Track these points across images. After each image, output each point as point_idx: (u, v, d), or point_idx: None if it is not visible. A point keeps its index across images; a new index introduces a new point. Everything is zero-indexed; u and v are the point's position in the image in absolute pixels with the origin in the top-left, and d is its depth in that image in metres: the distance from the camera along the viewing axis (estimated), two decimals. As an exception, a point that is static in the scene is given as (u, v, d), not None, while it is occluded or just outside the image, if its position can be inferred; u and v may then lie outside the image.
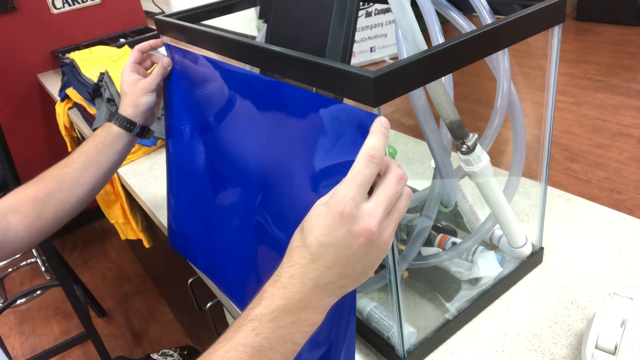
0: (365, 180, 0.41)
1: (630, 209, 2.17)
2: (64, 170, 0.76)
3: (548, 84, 0.61)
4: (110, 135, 0.77)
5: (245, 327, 0.41)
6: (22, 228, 0.73)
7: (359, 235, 0.41)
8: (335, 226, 0.41)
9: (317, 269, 0.42)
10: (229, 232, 0.72)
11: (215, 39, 0.64)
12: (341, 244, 0.41)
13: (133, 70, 0.78)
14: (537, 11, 0.53)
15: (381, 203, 0.42)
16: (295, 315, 0.42)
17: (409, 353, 0.62)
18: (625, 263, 0.73)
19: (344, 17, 0.57)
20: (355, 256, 0.42)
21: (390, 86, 0.43)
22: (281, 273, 0.43)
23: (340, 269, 0.42)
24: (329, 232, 0.41)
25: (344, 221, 0.40)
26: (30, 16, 2.18)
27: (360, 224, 0.41)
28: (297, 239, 0.43)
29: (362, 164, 0.41)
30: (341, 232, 0.41)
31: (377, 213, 0.41)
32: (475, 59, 0.49)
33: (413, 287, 0.74)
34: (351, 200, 0.40)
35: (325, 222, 0.41)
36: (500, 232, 0.75)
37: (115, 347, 1.95)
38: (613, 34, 4.03)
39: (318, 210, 0.42)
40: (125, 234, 1.45)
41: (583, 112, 2.94)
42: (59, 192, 0.75)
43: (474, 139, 0.57)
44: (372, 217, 0.41)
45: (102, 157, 0.77)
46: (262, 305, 0.42)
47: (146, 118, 0.79)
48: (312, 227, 0.42)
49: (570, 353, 0.61)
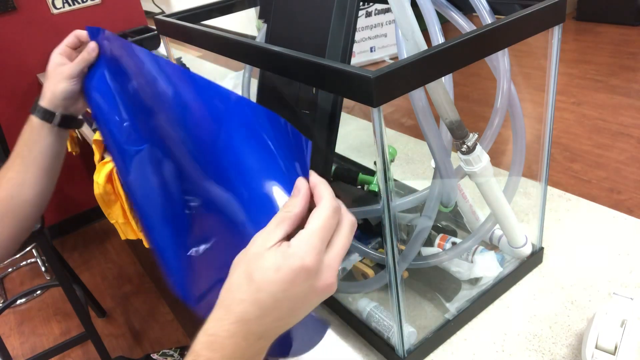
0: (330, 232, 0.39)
1: (630, 209, 2.17)
2: (7, 176, 0.71)
3: (548, 84, 0.61)
4: (34, 130, 0.70)
5: None
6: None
7: (321, 290, 0.39)
8: (298, 282, 0.37)
9: (264, 324, 0.38)
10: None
11: (215, 39, 0.64)
12: (299, 298, 0.38)
13: (63, 53, 0.71)
14: (537, 11, 0.53)
15: (339, 254, 0.39)
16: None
17: (409, 353, 0.62)
18: (625, 263, 0.73)
19: (344, 17, 0.57)
20: (308, 305, 0.40)
21: (390, 86, 0.43)
22: (217, 332, 0.38)
23: (289, 320, 0.40)
24: (289, 288, 0.37)
25: (307, 276, 0.37)
26: (30, 16, 2.18)
27: (323, 278, 0.38)
28: (242, 290, 0.38)
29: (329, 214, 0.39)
30: (302, 288, 0.38)
31: (335, 264, 0.39)
32: (475, 59, 0.49)
33: (413, 287, 0.74)
34: (317, 254, 0.38)
35: (285, 277, 0.37)
36: (500, 232, 0.75)
37: (115, 347, 1.95)
38: (613, 34, 4.03)
39: (276, 260, 0.37)
40: (125, 234, 1.45)
41: (583, 112, 2.94)
42: (11, 198, 0.70)
43: (474, 139, 0.57)
44: (331, 270, 0.39)
45: (36, 154, 0.71)
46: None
47: (67, 107, 0.71)
48: (268, 281, 0.37)
49: (570, 353, 0.61)
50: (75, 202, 2.57)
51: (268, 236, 0.39)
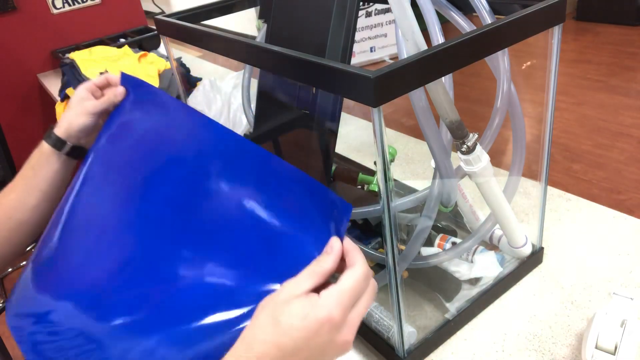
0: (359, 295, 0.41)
1: (630, 209, 2.17)
2: (8, 197, 0.73)
3: (548, 84, 0.61)
4: (43, 155, 0.73)
5: None
6: None
7: (339, 346, 0.40)
8: (321, 332, 0.39)
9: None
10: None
11: (215, 39, 0.64)
12: (318, 350, 0.40)
13: (89, 89, 0.73)
14: (537, 11, 0.53)
15: (360, 314, 0.42)
16: None
17: (409, 353, 0.62)
18: (625, 263, 0.73)
19: (344, 17, 0.57)
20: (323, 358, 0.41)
21: (390, 86, 0.43)
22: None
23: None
24: (312, 338, 0.39)
25: (331, 328, 0.39)
26: (30, 16, 2.17)
27: (343, 334, 0.40)
28: (266, 332, 0.40)
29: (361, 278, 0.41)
30: (324, 340, 0.39)
31: (355, 323, 0.41)
32: (475, 59, 0.49)
33: (413, 287, 0.74)
34: (345, 309, 0.40)
35: (310, 326, 0.39)
36: (500, 232, 0.75)
37: (115, 347, 1.95)
38: (613, 34, 4.03)
39: (304, 308, 0.40)
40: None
41: (583, 112, 2.94)
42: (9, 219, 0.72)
43: (474, 139, 0.57)
44: (352, 327, 0.41)
45: (39, 179, 0.73)
46: None
47: (80, 139, 0.73)
48: (293, 327, 0.39)
49: (570, 353, 0.61)
50: (75, 202, 2.56)
51: (297, 285, 0.41)
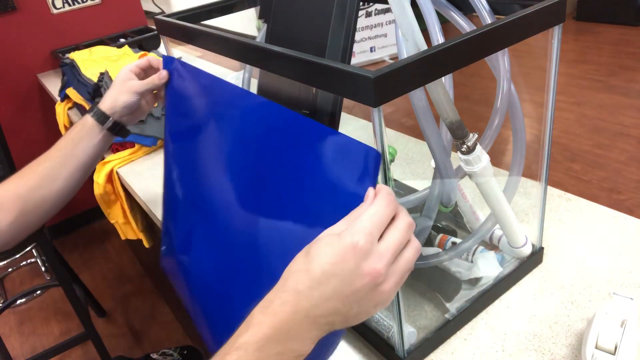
0: (384, 220, 0.40)
1: (630, 209, 2.17)
2: (43, 165, 0.76)
3: (548, 84, 0.61)
4: (85, 128, 0.78)
5: (231, 355, 0.39)
6: (6, 224, 0.73)
7: (366, 274, 0.39)
8: (346, 257, 0.39)
9: (312, 298, 0.40)
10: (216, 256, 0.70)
11: (215, 39, 0.64)
12: (346, 278, 0.39)
13: (132, 70, 0.78)
14: (537, 11, 0.53)
15: (391, 246, 0.40)
16: (282, 346, 0.40)
17: (409, 353, 0.62)
18: (625, 263, 0.74)
19: (344, 17, 0.57)
20: (355, 296, 0.40)
21: (390, 86, 0.43)
22: (273, 298, 0.41)
23: (335, 304, 0.40)
24: (338, 262, 0.39)
25: (355, 254, 0.39)
26: (30, 16, 2.17)
27: (370, 262, 0.39)
28: (298, 262, 0.42)
29: (383, 203, 0.41)
30: (350, 266, 0.39)
31: (387, 255, 0.40)
32: (475, 59, 0.49)
33: (413, 287, 0.74)
34: (369, 234, 0.39)
35: (335, 251, 0.39)
36: (500, 232, 0.75)
37: (115, 347, 1.95)
38: (613, 34, 4.03)
39: (330, 239, 0.40)
40: (125, 234, 1.45)
41: (583, 112, 2.94)
42: (40, 187, 0.75)
43: (474, 139, 0.57)
44: (381, 258, 0.40)
45: (79, 150, 0.77)
46: (250, 333, 0.40)
47: (122, 116, 0.78)
48: (320, 253, 0.40)
49: (570, 353, 0.61)
50: (75, 202, 2.55)
51: (331, 229, 0.42)
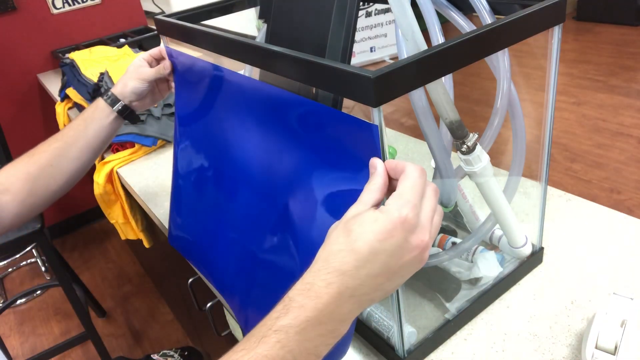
0: (422, 191, 0.40)
1: (630, 209, 2.17)
2: (54, 145, 0.78)
3: (548, 84, 0.61)
4: (98, 110, 0.81)
5: (270, 337, 0.38)
6: (15, 204, 0.73)
7: (415, 247, 0.39)
8: (395, 232, 0.38)
9: (359, 277, 0.38)
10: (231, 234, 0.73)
11: (215, 39, 0.64)
12: (394, 252, 0.38)
13: (146, 59, 0.82)
14: (537, 11, 0.53)
15: (429, 216, 0.40)
16: (324, 327, 0.39)
17: (409, 353, 0.62)
18: (625, 263, 0.73)
19: (344, 17, 0.57)
20: (402, 269, 0.39)
21: (390, 86, 0.43)
22: (315, 280, 0.39)
23: (382, 280, 0.39)
24: (386, 239, 0.38)
25: (404, 228, 0.38)
26: (30, 16, 2.17)
27: (418, 234, 0.39)
28: (339, 242, 0.39)
29: (416, 174, 0.40)
30: (398, 240, 0.38)
31: (428, 225, 0.39)
32: (475, 59, 0.49)
33: (413, 287, 0.74)
34: (414, 207, 0.38)
35: (383, 227, 0.38)
36: (500, 232, 0.75)
37: (115, 347, 1.95)
38: (613, 34, 4.03)
39: (373, 215, 0.39)
40: (125, 234, 1.45)
41: (583, 112, 2.94)
42: (50, 166, 0.76)
43: (474, 139, 0.57)
44: (425, 229, 0.39)
45: (90, 131, 0.80)
46: (290, 316, 0.38)
47: (131, 101, 0.82)
48: (366, 230, 0.38)
49: (570, 353, 0.61)
50: (75, 202, 2.57)
51: (361, 204, 0.41)
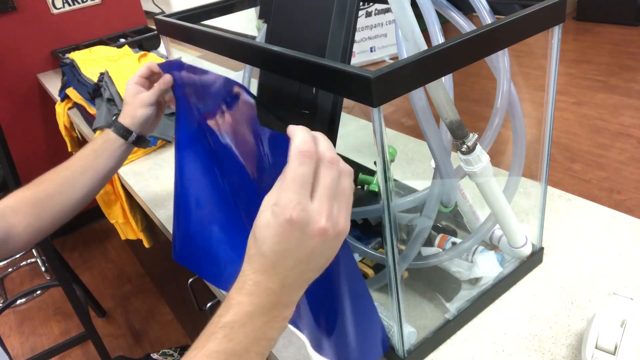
0: (305, 180, 0.40)
1: (630, 209, 2.17)
2: (63, 174, 0.78)
3: (548, 84, 0.61)
4: (109, 142, 0.80)
5: (217, 334, 0.41)
6: (22, 228, 0.74)
7: (314, 236, 0.40)
8: (287, 233, 0.40)
9: (279, 273, 0.42)
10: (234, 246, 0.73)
11: (215, 39, 0.64)
12: (297, 247, 0.41)
13: (138, 82, 0.80)
14: (537, 11, 0.53)
15: (324, 196, 0.41)
16: (267, 316, 0.42)
17: (409, 353, 0.62)
18: (625, 263, 0.73)
19: (344, 17, 0.57)
20: (315, 252, 0.42)
21: (390, 86, 0.43)
22: (245, 279, 0.42)
23: (302, 267, 0.42)
24: (282, 241, 0.40)
25: (294, 227, 0.40)
26: (30, 16, 2.17)
27: (312, 225, 0.40)
28: (252, 246, 0.43)
29: (295, 163, 0.40)
30: (294, 238, 0.40)
31: (323, 208, 0.40)
32: (475, 59, 0.49)
33: (413, 287, 0.74)
34: (297, 204, 0.39)
35: (275, 232, 0.40)
36: (500, 232, 0.75)
37: (115, 347, 1.95)
38: (613, 34, 4.03)
39: (266, 219, 0.41)
40: (125, 234, 1.45)
41: (583, 112, 2.94)
42: (58, 194, 0.77)
43: (474, 139, 0.57)
44: (320, 215, 0.40)
45: (100, 161, 0.80)
46: (231, 313, 0.41)
47: (143, 128, 0.81)
48: (264, 237, 0.41)
49: (570, 353, 0.61)
50: (75, 202, 2.56)
51: (268, 196, 0.42)
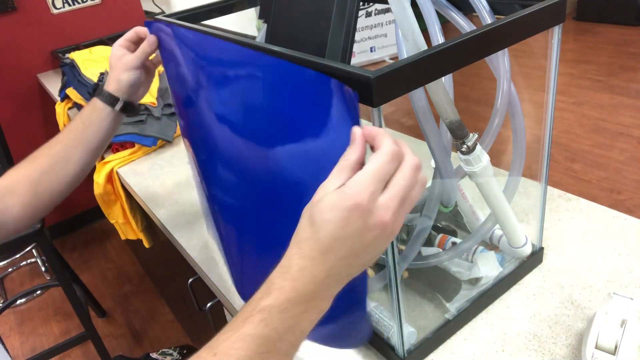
0: (386, 177, 0.41)
1: (630, 209, 2.17)
2: (54, 149, 0.76)
3: (548, 84, 0.61)
4: (96, 111, 0.77)
5: (254, 317, 0.41)
6: (19, 208, 0.73)
7: (374, 228, 0.40)
8: (352, 219, 0.40)
9: (329, 261, 0.41)
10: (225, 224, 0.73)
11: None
12: (355, 236, 0.40)
13: (123, 45, 0.77)
14: (537, 11, 0.53)
15: (397, 195, 0.41)
16: (305, 305, 0.42)
17: (409, 353, 0.62)
18: (625, 263, 0.73)
19: (344, 17, 0.57)
20: (368, 247, 0.41)
21: (390, 86, 0.43)
22: (291, 264, 0.42)
23: (351, 260, 0.42)
24: (345, 226, 0.40)
25: (360, 215, 0.40)
26: (30, 16, 2.17)
27: (376, 217, 0.40)
28: (306, 230, 0.42)
29: (386, 159, 0.40)
30: (357, 226, 0.40)
31: (392, 205, 0.41)
32: (475, 59, 0.49)
33: (413, 287, 0.74)
34: (371, 193, 0.40)
35: (340, 215, 0.40)
36: (500, 232, 0.75)
37: (115, 347, 1.95)
38: (613, 34, 4.03)
39: (332, 201, 0.40)
40: (125, 234, 1.45)
41: (583, 112, 2.94)
42: (52, 170, 0.75)
43: (474, 139, 0.57)
44: (387, 210, 0.40)
45: (90, 133, 0.77)
46: (272, 297, 0.41)
47: (130, 94, 0.78)
48: (326, 220, 0.40)
49: (570, 353, 0.61)
50: (75, 202, 2.57)
51: (328, 183, 0.42)
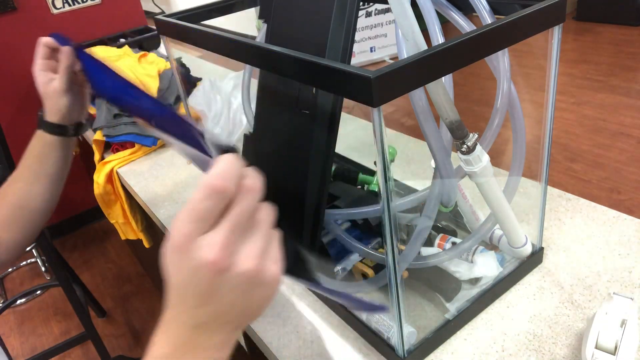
0: (202, 216, 0.35)
1: (630, 209, 2.17)
2: (16, 186, 0.75)
3: (548, 84, 0.61)
4: (47, 145, 0.74)
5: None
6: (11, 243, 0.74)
7: (201, 267, 0.36)
8: (180, 265, 0.36)
9: (186, 311, 0.38)
10: None
11: (215, 39, 0.64)
12: (192, 281, 0.37)
13: (43, 68, 0.71)
14: (537, 11, 0.53)
15: (222, 228, 0.36)
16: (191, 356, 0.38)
17: (409, 353, 0.62)
18: (625, 263, 0.74)
19: (344, 17, 0.57)
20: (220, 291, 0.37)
21: (390, 86, 0.43)
22: (164, 317, 0.39)
23: (209, 307, 0.38)
24: (176, 273, 0.37)
25: (182, 258, 0.36)
26: (30, 16, 2.17)
27: (198, 257, 0.35)
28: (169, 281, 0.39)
29: (199, 195, 0.35)
30: (185, 270, 0.36)
31: (215, 241, 0.35)
32: (475, 59, 0.49)
33: (413, 287, 0.74)
34: (183, 236, 0.35)
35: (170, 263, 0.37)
36: (500, 232, 0.75)
37: (115, 347, 1.95)
38: (613, 34, 4.03)
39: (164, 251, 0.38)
40: (125, 234, 1.45)
41: (583, 112, 2.94)
42: (20, 208, 0.75)
43: (474, 139, 0.57)
44: (210, 247, 0.35)
45: (47, 166, 0.75)
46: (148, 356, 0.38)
47: (73, 116, 0.74)
48: (165, 269, 0.38)
49: (570, 353, 0.61)
50: (75, 202, 2.57)
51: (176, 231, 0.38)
